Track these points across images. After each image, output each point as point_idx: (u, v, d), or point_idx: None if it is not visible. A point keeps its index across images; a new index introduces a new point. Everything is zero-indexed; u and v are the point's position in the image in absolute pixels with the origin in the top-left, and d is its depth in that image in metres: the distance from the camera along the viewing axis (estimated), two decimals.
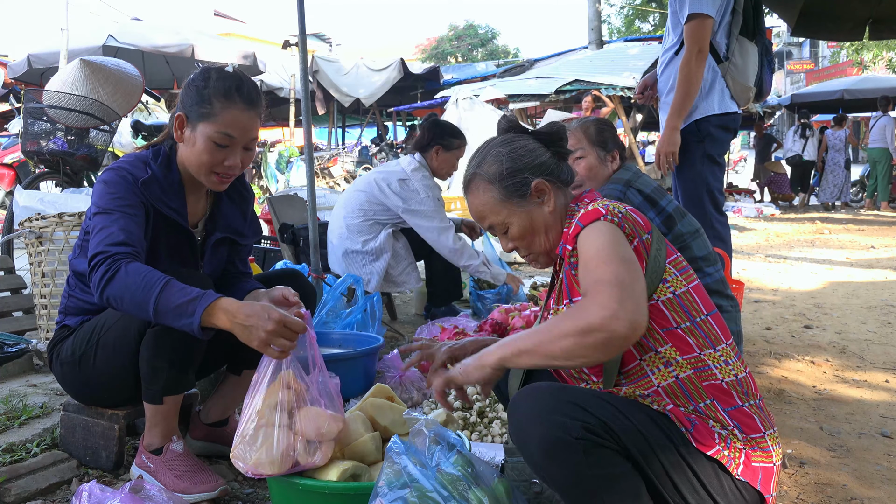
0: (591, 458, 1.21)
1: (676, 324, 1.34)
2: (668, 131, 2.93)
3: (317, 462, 1.56)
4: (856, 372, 3.09)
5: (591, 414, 1.24)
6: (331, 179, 11.79)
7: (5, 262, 3.17)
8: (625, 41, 16.44)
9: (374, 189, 3.54)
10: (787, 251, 7.08)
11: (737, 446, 1.28)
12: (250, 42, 20.43)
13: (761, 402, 1.38)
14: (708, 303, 1.40)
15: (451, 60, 34.79)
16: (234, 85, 1.76)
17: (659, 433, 1.27)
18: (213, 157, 1.77)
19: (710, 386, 1.32)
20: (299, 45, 3.40)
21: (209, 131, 1.74)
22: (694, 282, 1.40)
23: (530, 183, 1.47)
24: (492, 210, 1.50)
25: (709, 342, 1.35)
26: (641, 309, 1.22)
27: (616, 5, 31.39)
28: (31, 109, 4.18)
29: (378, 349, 2.66)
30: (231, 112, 1.74)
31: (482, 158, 1.53)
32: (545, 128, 1.54)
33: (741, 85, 3.01)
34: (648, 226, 1.39)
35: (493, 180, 1.49)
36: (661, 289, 1.36)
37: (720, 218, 3.07)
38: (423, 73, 15.60)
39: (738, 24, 2.96)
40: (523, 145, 1.51)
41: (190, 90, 1.78)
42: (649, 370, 1.34)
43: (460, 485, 1.33)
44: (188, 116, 1.78)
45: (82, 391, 1.92)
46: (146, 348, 1.74)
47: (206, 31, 13.19)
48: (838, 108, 15.12)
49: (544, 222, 1.48)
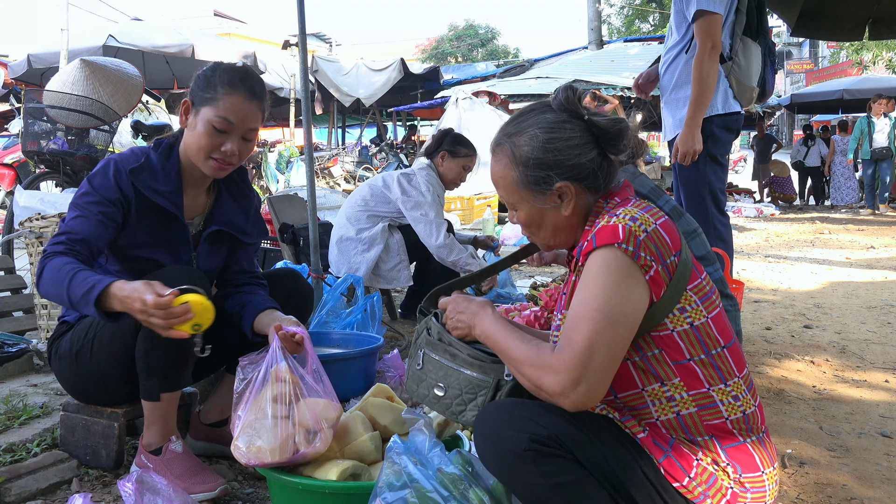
0: (542, 468, 1.22)
1: (690, 356, 1.28)
2: (688, 130, 2.91)
3: (318, 448, 1.57)
4: (856, 372, 3.09)
5: (541, 426, 1.24)
6: (331, 179, 11.79)
7: (5, 262, 3.17)
8: (625, 41, 16.48)
9: (379, 182, 3.60)
10: (787, 251, 7.08)
11: (724, 483, 1.25)
12: (250, 42, 20.44)
13: (765, 434, 1.34)
14: (726, 333, 1.32)
15: (451, 60, 34.80)
16: (240, 76, 1.85)
17: (624, 453, 1.26)
18: (212, 140, 1.81)
19: (710, 426, 1.28)
20: (299, 45, 3.40)
21: (210, 115, 1.80)
22: (715, 311, 1.31)
23: (553, 183, 1.33)
24: (507, 187, 1.40)
25: (720, 377, 1.29)
26: (595, 392, 1.21)
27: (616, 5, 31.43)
28: (32, 109, 4.18)
29: (378, 349, 2.66)
30: (232, 99, 1.81)
31: (519, 128, 1.37)
32: (607, 122, 1.35)
33: (744, 85, 3.01)
34: (678, 245, 1.28)
35: (517, 161, 1.36)
36: (678, 318, 1.27)
37: (722, 218, 3.07)
38: (423, 73, 15.61)
39: (742, 24, 2.96)
40: (568, 137, 1.34)
41: (199, 79, 1.87)
42: (650, 401, 1.29)
43: (460, 484, 1.33)
44: (194, 102, 1.85)
45: (79, 387, 1.92)
46: (142, 344, 1.75)
47: (206, 31, 13.22)
48: (838, 108, 15.13)
49: (555, 223, 1.38)
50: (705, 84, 2.87)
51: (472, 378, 1.39)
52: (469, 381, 1.40)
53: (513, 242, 6.06)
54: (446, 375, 1.43)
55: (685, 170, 3.03)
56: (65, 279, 1.62)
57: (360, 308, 2.99)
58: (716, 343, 1.30)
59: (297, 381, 1.62)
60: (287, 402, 1.60)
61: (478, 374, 1.39)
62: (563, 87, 1.39)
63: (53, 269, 1.66)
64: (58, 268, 1.65)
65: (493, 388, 1.37)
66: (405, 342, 3.38)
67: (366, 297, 3.04)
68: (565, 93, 1.37)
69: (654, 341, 1.28)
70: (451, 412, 1.42)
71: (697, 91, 2.88)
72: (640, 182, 2.39)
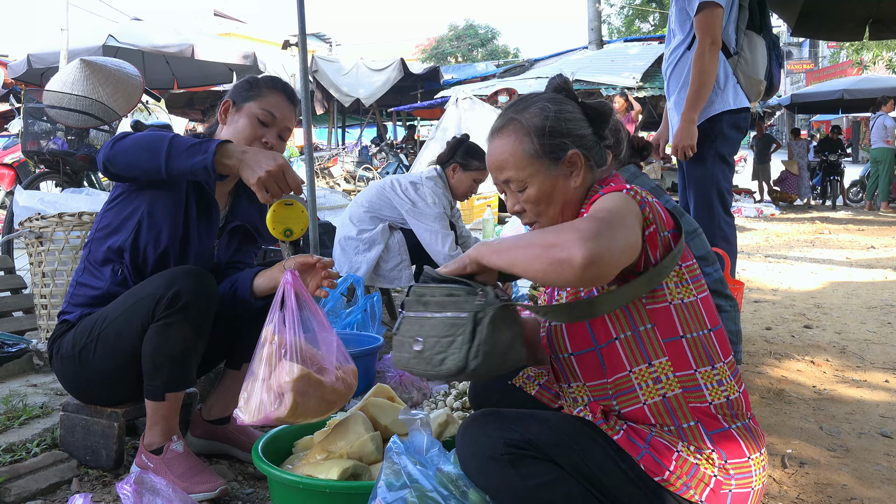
0: (521, 470, 1.23)
1: (682, 332, 1.30)
2: (684, 124, 2.92)
3: (279, 413, 1.56)
4: (856, 372, 3.09)
5: (514, 431, 1.26)
6: (331, 179, 11.79)
7: (5, 262, 3.17)
8: (625, 41, 16.48)
9: (386, 185, 3.59)
10: (787, 251, 7.08)
11: (706, 472, 1.26)
12: (250, 42, 20.44)
13: (752, 420, 1.35)
14: (714, 317, 1.36)
15: (451, 60, 34.83)
16: (281, 83, 2.02)
17: (600, 452, 1.26)
18: (255, 131, 1.92)
19: (695, 409, 1.29)
20: (299, 45, 3.40)
21: (255, 108, 1.93)
22: (703, 293, 1.36)
23: (568, 150, 1.37)
24: (517, 163, 1.38)
25: (708, 359, 1.31)
26: (612, 255, 1.14)
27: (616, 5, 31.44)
28: (32, 109, 4.18)
29: (378, 349, 2.66)
30: (276, 96, 1.96)
31: (524, 107, 1.41)
32: (595, 103, 1.44)
33: (752, 79, 3.01)
34: (671, 223, 1.33)
35: (531, 132, 1.37)
36: (674, 291, 1.31)
37: (727, 219, 3.07)
38: (423, 73, 15.61)
39: (745, 20, 2.96)
40: (572, 111, 1.41)
41: (240, 84, 2.00)
42: (637, 384, 1.31)
43: (460, 484, 1.33)
44: (235, 101, 1.97)
45: (81, 387, 1.91)
46: (149, 343, 1.75)
47: (206, 31, 13.20)
48: (838, 108, 15.15)
49: (565, 195, 1.39)
50: (705, 79, 2.87)
51: (446, 318, 1.25)
52: (443, 323, 1.25)
53: None
54: (421, 327, 1.28)
55: (693, 168, 3.03)
56: (165, 136, 1.68)
57: (360, 308, 2.99)
58: (704, 324, 1.33)
59: (282, 339, 1.61)
60: (271, 364, 1.60)
61: (451, 314, 1.24)
62: (556, 75, 1.49)
63: (143, 134, 1.71)
64: (150, 132, 1.72)
65: (472, 322, 1.22)
66: None
67: (366, 298, 3.05)
68: (560, 78, 1.47)
69: (649, 315, 1.30)
70: (431, 365, 1.25)
71: (696, 86, 2.88)
72: (641, 182, 2.39)
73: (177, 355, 1.76)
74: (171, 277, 1.75)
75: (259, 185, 1.66)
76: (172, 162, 1.67)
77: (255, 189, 1.67)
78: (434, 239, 3.42)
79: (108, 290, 1.87)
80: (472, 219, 7.85)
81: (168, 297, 1.71)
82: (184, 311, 1.73)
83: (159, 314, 1.72)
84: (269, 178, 1.65)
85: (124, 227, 1.86)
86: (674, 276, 1.32)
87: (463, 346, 1.21)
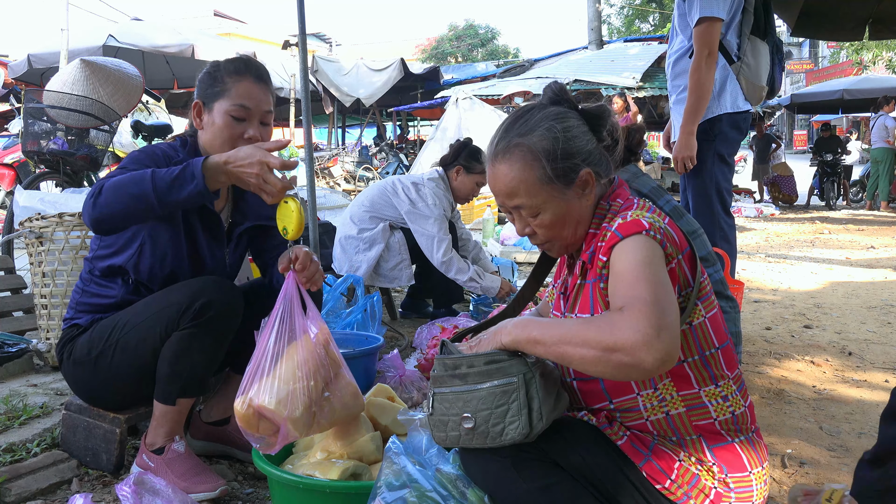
0: (524, 473, 1.23)
1: (683, 357, 1.27)
2: (683, 136, 2.92)
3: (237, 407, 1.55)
4: (856, 372, 3.09)
5: None
6: (331, 179, 11.80)
7: (5, 262, 3.17)
8: (625, 41, 16.49)
9: (388, 185, 3.60)
10: (787, 251, 7.08)
11: (707, 483, 1.25)
12: (250, 42, 20.44)
13: (756, 433, 1.34)
14: (721, 334, 1.32)
15: (451, 60, 34.82)
16: (243, 64, 1.88)
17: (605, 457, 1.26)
18: (233, 130, 1.83)
19: (698, 426, 1.29)
20: (299, 45, 3.40)
21: (225, 106, 1.83)
22: (713, 311, 1.31)
23: (579, 171, 1.31)
24: (528, 190, 1.31)
25: (711, 378, 1.29)
26: (676, 343, 1.10)
27: (616, 5, 31.45)
28: (32, 109, 4.18)
29: (378, 349, 2.66)
30: (243, 85, 1.84)
31: (528, 129, 1.32)
32: (593, 107, 1.36)
33: (754, 85, 3.00)
34: (684, 244, 1.29)
35: (541, 157, 1.29)
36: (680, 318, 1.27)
37: (728, 219, 3.07)
38: (423, 73, 15.61)
39: (750, 24, 2.93)
40: (576, 125, 1.33)
41: (203, 78, 1.88)
42: (642, 405, 1.29)
43: (459, 484, 1.33)
44: (204, 102, 1.87)
45: (92, 391, 1.89)
46: (169, 349, 1.74)
47: (206, 31, 13.22)
48: (838, 108, 15.14)
49: (579, 216, 1.34)
50: (702, 92, 2.86)
51: (494, 388, 1.21)
52: (492, 394, 1.21)
53: (513, 242, 6.05)
54: (465, 402, 1.23)
55: (694, 169, 3.02)
56: (144, 174, 1.61)
57: (360, 308, 2.99)
58: (710, 344, 1.30)
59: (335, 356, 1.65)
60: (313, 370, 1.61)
61: (499, 381, 1.21)
62: (552, 83, 1.41)
63: (121, 178, 1.62)
64: (127, 174, 1.63)
65: (524, 386, 1.20)
66: (405, 342, 3.38)
67: (366, 297, 3.04)
68: (557, 86, 1.39)
69: None
70: (490, 438, 1.22)
71: (694, 98, 2.87)
72: (642, 182, 2.39)
73: (196, 364, 1.76)
74: (200, 288, 1.74)
75: (257, 190, 1.63)
76: (164, 198, 1.61)
77: (257, 193, 1.65)
78: (430, 244, 3.45)
79: (122, 298, 1.86)
80: (472, 219, 7.84)
81: (196, 308, 1.71)
82: (210, 323, 1.73)
83: (185, 323, 1.72)
84: (260, 182, 1.61)
85: (127, 249, 1.84)
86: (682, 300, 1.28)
87: (521, 411, 1.20)
